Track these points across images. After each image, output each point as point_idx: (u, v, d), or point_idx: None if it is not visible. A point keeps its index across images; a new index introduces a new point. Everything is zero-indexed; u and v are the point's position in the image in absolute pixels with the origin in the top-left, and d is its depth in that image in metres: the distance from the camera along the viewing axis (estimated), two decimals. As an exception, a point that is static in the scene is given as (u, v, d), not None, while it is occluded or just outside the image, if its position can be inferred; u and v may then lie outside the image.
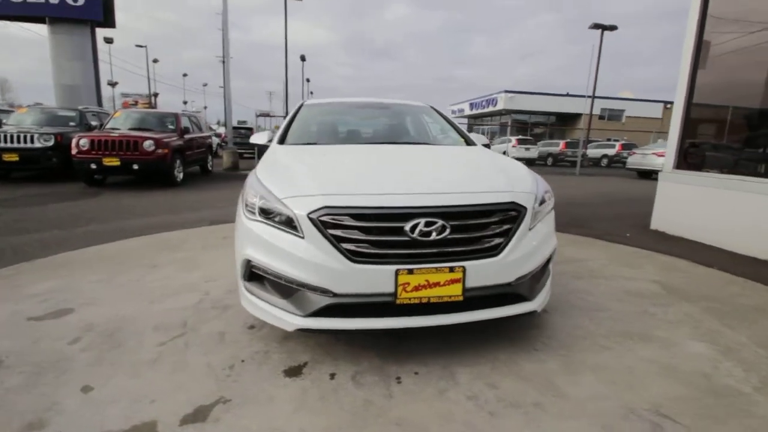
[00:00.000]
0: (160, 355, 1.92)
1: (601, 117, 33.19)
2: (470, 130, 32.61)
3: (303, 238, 1.70)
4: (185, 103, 54.46)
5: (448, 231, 1.69)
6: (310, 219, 1.68)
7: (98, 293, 2.63)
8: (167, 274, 3.00)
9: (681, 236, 4.39)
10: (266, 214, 1.83)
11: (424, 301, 1.69)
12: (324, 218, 1.68)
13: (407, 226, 1.66)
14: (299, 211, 1.71)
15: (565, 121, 32.66)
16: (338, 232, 1.67)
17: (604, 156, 19.45)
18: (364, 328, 1.71)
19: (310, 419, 1.50)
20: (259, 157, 2.67)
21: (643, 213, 5.23)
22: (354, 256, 1.65)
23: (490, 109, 32.62)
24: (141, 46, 35.05)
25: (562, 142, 20.52)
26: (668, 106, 34.34)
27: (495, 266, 1.75)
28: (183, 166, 8.31)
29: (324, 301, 1.69)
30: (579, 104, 32.55)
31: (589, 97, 20.13)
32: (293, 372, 1.80)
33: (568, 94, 32.64)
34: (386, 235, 1.68)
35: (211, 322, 2.26)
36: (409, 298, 1.68)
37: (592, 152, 19.83)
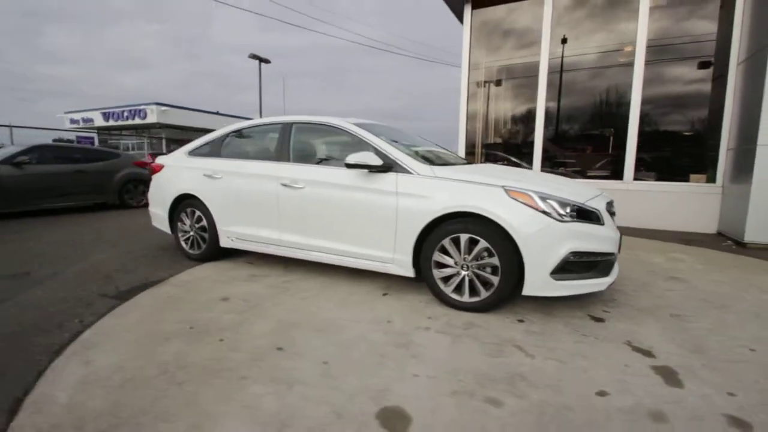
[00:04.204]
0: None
1: (250, 136, 36.80)
2: (106, 144, 27.46)
3: (603, 224, 2.53)
4: None
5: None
6: (608, 212, 2.57)
7: None
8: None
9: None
10: (572, 214, 2.45)
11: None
12: (606, 209, 2.61)
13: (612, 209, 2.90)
14: (600, 207, 2.54)
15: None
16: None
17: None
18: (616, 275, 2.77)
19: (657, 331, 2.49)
20: None
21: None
22: (616, 231, 2.70)
23: (138, 121, 28.45)
24: None
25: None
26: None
27: None
28: None
29: (612, 260, 2.62)
30: (229, 123, 34.59)
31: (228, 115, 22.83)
32: (596, 319, 2.56)
33: (218, 113, 33.89)
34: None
35: (477, 330, 2.35)
36: (619, 249, 2.92)
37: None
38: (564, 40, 6.74)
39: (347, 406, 1.67)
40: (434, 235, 2.68)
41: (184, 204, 3.90)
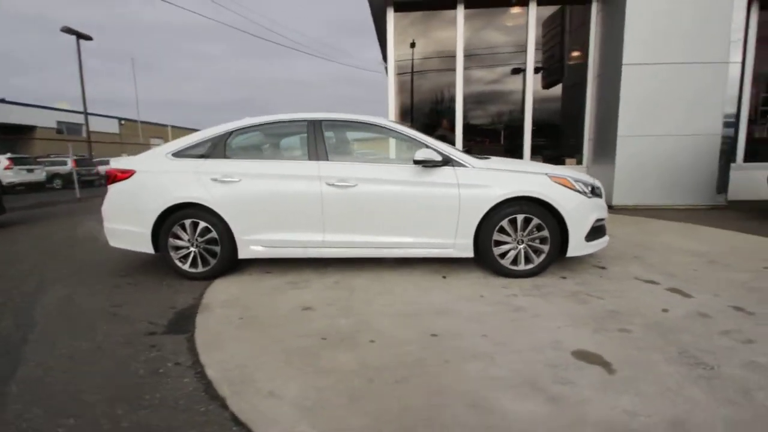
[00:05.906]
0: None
1: (59, 131, 29.17)
2: None
3: (602, 197, 3.43)
4: None
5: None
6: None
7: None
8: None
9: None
10: (592, 191, 3.26)
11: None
12: (600, 187, 3.54)
13: (590, 186, 3.89)
14: (600, 185, 3.42)
15: (18, 134, 25.81)
16: (600, 191, 3.60)
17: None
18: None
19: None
20: None
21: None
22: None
23: None
24: None
25: (72, 159, 17.38)
26: (122, 122, 35.79)
27: None
28: None
29: (605, 224, 3.55)
30: (28, 116, 26.66)
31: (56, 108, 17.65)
32: (600, 267, 3.47)
33: (4, 101, 25.70)
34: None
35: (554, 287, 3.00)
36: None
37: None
38: (413, 44, 7.81)
39: (547, 358, 2.04)
40: (492, 218, 3.15)
41: (179, 215, 3.32)
